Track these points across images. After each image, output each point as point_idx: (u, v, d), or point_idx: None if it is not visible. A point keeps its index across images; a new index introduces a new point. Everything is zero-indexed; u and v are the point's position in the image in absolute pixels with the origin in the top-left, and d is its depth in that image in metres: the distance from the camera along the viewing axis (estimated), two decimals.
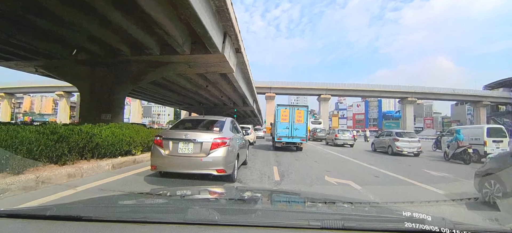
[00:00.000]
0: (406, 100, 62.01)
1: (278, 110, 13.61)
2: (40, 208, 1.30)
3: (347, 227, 1.00)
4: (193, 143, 4.74)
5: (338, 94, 62.27)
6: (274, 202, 1.85)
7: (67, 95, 70.93)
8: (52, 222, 1.02)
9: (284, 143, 13.38)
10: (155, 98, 33.93)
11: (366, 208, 1.81)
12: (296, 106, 14.30)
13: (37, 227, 1.00)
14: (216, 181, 4.84)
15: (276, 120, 13.60)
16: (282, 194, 2.43)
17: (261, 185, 5.24)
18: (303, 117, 13.42)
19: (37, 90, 67.36)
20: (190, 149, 4.73)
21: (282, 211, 1.56)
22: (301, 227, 1.02)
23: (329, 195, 2.81)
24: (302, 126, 13.32)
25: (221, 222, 1.04)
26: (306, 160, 9.91)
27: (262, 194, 2.13)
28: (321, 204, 1.68)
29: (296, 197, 2.16)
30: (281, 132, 13.33)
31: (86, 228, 0.99)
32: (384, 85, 61.45)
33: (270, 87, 57.44)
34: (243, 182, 5.44)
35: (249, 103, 36.36)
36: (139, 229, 0.98)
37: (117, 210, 1.37)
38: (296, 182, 5.81)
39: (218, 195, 1.95)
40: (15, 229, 1.00)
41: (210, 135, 4.87)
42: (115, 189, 4.26)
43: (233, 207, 1.49)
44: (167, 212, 1.31)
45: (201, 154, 4.70)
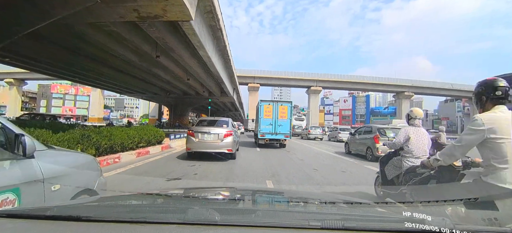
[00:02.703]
0: (402, 95, 56.90)
1: (262, 106, 13.48)
2: (40, 208, 1.19)
3: (347, 227, 0.98)
4: (213, 134, 8.14)
5: (329, 87, 55.69)
6: (274, 202, 1.84)
7: (19, 83, 59.88)
8: (52, 222, 1.00)
9: (268, 140, 13.28)
10: (97, 81, 25.40)
11: (366, 208, 1.69)
12: (280, 101, 13.93)
13: (37, 227, 0.98)
14: (226, 157, 8.25)
15: (259, 116, 13.64)
16: (282, 194, 2.40)
17: (261, 186, 5.44)
18: (287, 113, 13.37)
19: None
20: (211, 138, 8.11)
21: (282, 211, 1.50)
22: (301, 227, 1.00)
23: (329, 195, 2.72)
24: (285, 123, 13.26)
25: (221, 222, 1.00)
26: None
27: (262, 194, 2.16)
28: (321, 204, 1.68)
29: (296, 197, 2.04)
30: (264, 129, 13.19)
31: (86, 228, 0.98)
32: (379, 77, 55.90)
33: (254, 76, 49.96)
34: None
35: (228, 92, 28.77)
36: (139, 229, 0.97)
37: (117, 210, 1.28)
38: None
39: (218, 195, 1.96)
40: (15, 229, 0.97)
41: (222, 130, 8.34)
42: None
43: (233, 207, 1.45)
44: (167, 212, 1.24)
45: (218, 140, 8.10)
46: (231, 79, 25.57)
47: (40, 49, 13.33)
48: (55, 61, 16.19)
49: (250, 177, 5.98)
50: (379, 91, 65.20)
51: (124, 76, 20.30)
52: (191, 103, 33.51)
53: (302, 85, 53.60)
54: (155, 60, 14.62)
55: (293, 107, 16.29)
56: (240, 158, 8.93)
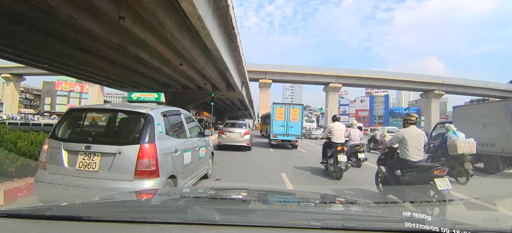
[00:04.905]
0: (431, 94, 50.55)
1: (274, 108, 14.31)
2: (40, 208, 1.21)
3: (347, 227, 0.99)
4: (236, 133, 11.88)
5: (350, 84, 49.65)
6: (274, 202, 1.85)
7: (16, 79, 56.96)
8: (52, 222, 1.01)
9: (280, 140, 14.08)
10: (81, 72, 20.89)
11: (366, 208, 1.73)
12: (291, 104, 14.98)
13: (37, 227, 0.99)
14: (244, 149, 11.92)
15: (272, 118, 14.41)
16: (282, 194, 2.41)
17: (261, 185, 5.62)
18: (299, 115, 14.07)
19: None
20: (235, 135, 11.84)
21: (282, 211, 1.54)
22: (301, 227, 1.01)
23: (329, 195, 2.61)
24: (297, 124, 13.96)
25: (221, 222, 1.01)
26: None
27: (262, 194, 2.11)
28: (321, 204, 1.68)
29: (296, 197, 2.12)
30: (276, 130, 13.99)
31: (86, 228, 0.98)
32: (406, 73, 49.81)
33: (266, 71, 44.90)
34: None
35: (236, 85, 23.84)
36: (139, 229, 0.97)
37: (117, 210, 1.31)
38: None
39: (218, 195, 1.90)
40: (15, 229, 0.98)
41: (242, 129, 12.14)
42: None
43: (233, 207, 1.47)
44: (167, 212, 1.28)
45: (240, 137, 11.80)
46: (238, 68, 20.58)
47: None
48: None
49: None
50: (405, 89, 58.88)
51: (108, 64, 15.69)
52: (191, 99, 28.66)
53: (319, 82, 48.07)
54: (124, 29, 9.81)
55: (304, 109, 16.33)
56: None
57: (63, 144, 3.08)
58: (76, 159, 2.99)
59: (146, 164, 2.95)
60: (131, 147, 2.99)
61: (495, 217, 1.98)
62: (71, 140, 3.23)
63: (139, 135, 3.08)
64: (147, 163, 2.95)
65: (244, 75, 24.57)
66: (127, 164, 2.92)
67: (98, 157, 2.96)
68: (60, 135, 3.22)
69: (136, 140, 3.04)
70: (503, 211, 3.51)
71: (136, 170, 2.92)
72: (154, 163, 3.00)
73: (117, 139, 3.24)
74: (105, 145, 3.03)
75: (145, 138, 3.04)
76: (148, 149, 3.00)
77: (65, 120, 3.40)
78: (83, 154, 2.99)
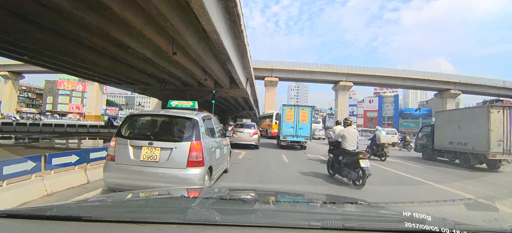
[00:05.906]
0: (447, 93, 47.70)
1: (284, 110, 14.50)
2: (40, 208, 1.18)
3: (347, 227, 0.98)
4: (246, 133, 13.22)
5: (361, 82, 46.61)
6: (274, 202, 1.82)
7: (15, 77, 55.59)
8: (52, 222, 1.00)
9: (289, 141, 14.26)
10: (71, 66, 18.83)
11: (366, 208, 1.72)
12: (301, 106, 15.29)
13: (37, 227, 0.98)
14: (252, 147, 13.01)
15: (281, 119, 14.56)
16: (282, 194, 2.35)
17: (261, 186, 5.76)
18: (308, 117, 14.30)
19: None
20: (245, 135, 13.07)
21: (282, 211, 1.54)
22: (301, 227, 1.00)
23: (329, 195, 2.75)
24: (306, 126, 14.19)
25: (221, 222, 1.01)
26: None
27: (262, 194, 2.09)
28: (321, 204, 1.68)
29: (296, 197, 2.11)
30: (286, 131, 14.16)
31: (86, 228, 0.98)
32: (419, 71, 47.01)
33: (272, 69, 42.58)
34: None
35: (240, 82, 21.59)
36: (139, 229, 0.97)
37: (117, 210, 1.30)
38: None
39: (218, 195, 1.92)
40: (15, 229, 0.97)
41: (251, 130, 13.50)
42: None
43: (233, 207, 1.44)
44: (167, 212, 1.26)
45: (249, 136, 13.06)
46: (242, 61, 18.32)
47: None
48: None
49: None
50: (419, 88, 55.90)
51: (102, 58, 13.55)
52: (192, 97, 26.48)
53: (328, 80, 45.56)
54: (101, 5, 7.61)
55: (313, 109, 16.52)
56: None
57: (129, 141, 3.96)
58: (140, 152, 3.89)
59: (195, 156, 3.92)
60: (184, 143, 3.97)
61: (495, 217, 1.88)
62: (136, 138, 4.10)
63: (189, 134, 4.07)
64: (196, 156, 3.92)
65: (249, 70, 22.29)
66: (182, 156, 3.89)
67: (158, 151, 3.90)
68: (125, 134, 4.11)
69: (187, 138, 4.03)
70: (503, 211, 3.95)
71: (188, 161, 3.89)
72: (201, 156, 3.98)
73: (172, 137, 4.23)
74: (164, 142, 4.01)
75: (193, 136, 4.02)
76: (197, 145, 3.98)
77: (126, 123, 4.35)
78: (146, 148, 3.91)
